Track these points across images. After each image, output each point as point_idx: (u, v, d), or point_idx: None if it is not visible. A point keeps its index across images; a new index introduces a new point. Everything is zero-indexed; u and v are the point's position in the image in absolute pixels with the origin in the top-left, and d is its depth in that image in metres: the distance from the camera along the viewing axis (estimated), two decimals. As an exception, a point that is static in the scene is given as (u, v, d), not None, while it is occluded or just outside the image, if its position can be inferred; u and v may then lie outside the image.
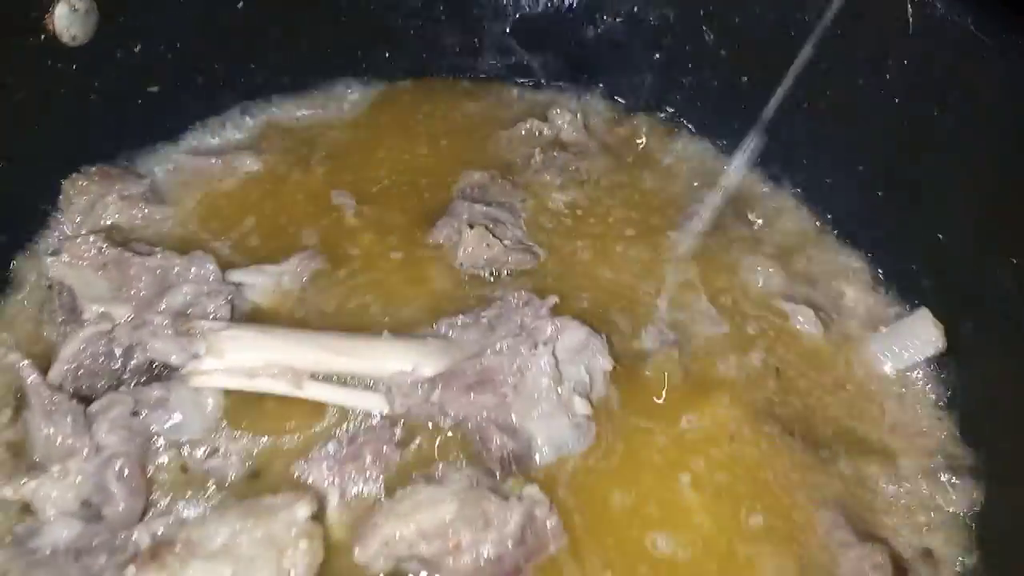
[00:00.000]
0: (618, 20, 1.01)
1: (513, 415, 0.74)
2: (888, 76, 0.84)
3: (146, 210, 0.87)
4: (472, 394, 0.75)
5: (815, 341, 0.87)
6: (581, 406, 0.75)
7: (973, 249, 0.81)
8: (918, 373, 0.85)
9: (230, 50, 0.95)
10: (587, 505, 0.73)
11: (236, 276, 0.82)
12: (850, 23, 0.86)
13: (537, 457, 0.74)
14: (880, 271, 0.92)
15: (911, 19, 0.80)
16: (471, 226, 0.88)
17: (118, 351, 0.74)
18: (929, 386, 0.84)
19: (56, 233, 0.84)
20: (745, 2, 0.93)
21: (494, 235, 0.88)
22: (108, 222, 0.85)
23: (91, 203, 0.85)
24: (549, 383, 0.74)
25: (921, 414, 0.83)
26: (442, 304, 0.84)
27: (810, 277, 0.92)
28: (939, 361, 0.84)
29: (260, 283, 0.83)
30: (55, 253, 0.80)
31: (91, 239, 0.80)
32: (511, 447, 0.73)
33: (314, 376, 0.76)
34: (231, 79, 0.97)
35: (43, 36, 0.77)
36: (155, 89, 0.91)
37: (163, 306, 0.77)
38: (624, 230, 0.94)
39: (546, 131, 1.02)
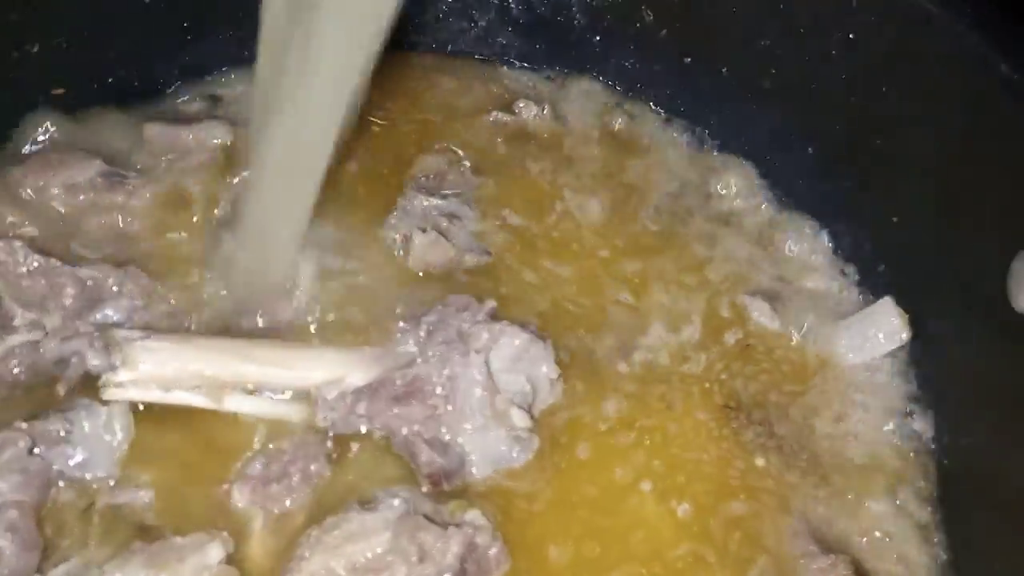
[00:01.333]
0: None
1: (444, 428, 0.70)
2: (834, 51, 0.80)
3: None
4: (400, 406, 0.70)
5: (775, 335, 0.82)
6: (520, 418, 0.70)
7: (930, 233, 0.78)
8: (884, 365, 0.81)
9: (159, 31, 0.88)
10: (531, 524, 0.69)
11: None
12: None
13: (473, 471, 0.69)
14: (842, 258, 0.88)
15: (854, -9, 0.76)
16: (423, 230, 0.82)
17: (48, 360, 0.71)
18: (896, 380, 0.81)
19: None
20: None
21: (446, 237, 0.82)
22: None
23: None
24: (482, 393, 0.70)
25: (887, 409, 0.79)
26: (391, 305, 0.79)
27: (771, 266, 0.88)
28: (906, 351, 0.81)
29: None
30: None
31: (15, 245, 0.75)
32: (440, 463, 0.68)
33: (237, 388, 0.71)
34: (169, 57, 0.90)
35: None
36: (59, 92, 0.85)
37: (93, 318, 0.74)
38: (586, 223, 0.89)
39: (510, 120, 0.96)
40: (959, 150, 0.72)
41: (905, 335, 0.80)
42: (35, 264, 0.75)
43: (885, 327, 0.80)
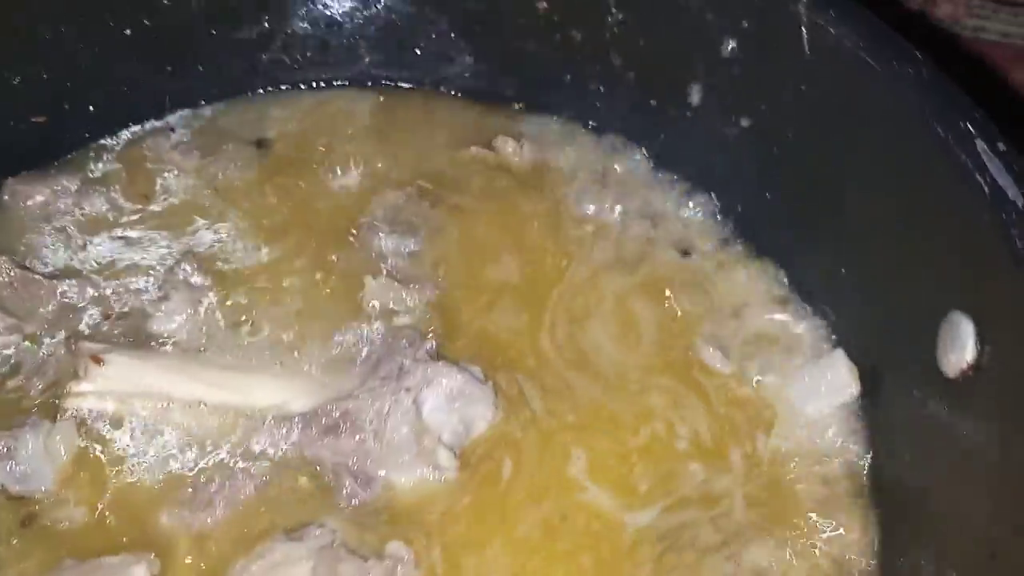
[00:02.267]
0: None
1: (370, 461, 0.71)
2: (787, 100, 0.80)
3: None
4: (330, 436, 0.72)
5: (724, 380, 0.82)
6: (445, 458, 0.72)
7: (875, 287, 0.77)
8: (832, 421, 0.79)
9: (121, 75, 0.92)
10: (453, 550, 0.70)
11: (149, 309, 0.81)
12: (749, 42, 0.82)
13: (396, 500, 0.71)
14: (797, 303, 0.87)
15: (806, 43, 0.76)
16: (373, 276, 0.84)
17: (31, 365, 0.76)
18: (841, 438, 0.79)
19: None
20: (652, 26, 0.88)
21: (397, 280, 0.85)
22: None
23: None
24: (409, 431, 0.71)
25: (833, 470, 0.77)
26: (343, 334, 0.81)
27: (727, 307, 0.88)
28: (856, 406, 0.79)
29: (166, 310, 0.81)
30: None
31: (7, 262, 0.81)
32: (361, 495, 0.70)
33: (186, 405, 0.75)
34: (126, 101, 0.94)
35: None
36: (41, 120, 0.89)
37: (65, 329, 0.79)
38: (545, 261, 0.89)
39: (491, 157, 0.97)
40: (899, 208, 0.72)
41: (855, 389, 0.79)
42: (15, 275, 0.80)
43: (836, 380, 0.79)
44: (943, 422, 0.68)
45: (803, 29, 0.76)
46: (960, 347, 0.64)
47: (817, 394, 0.79)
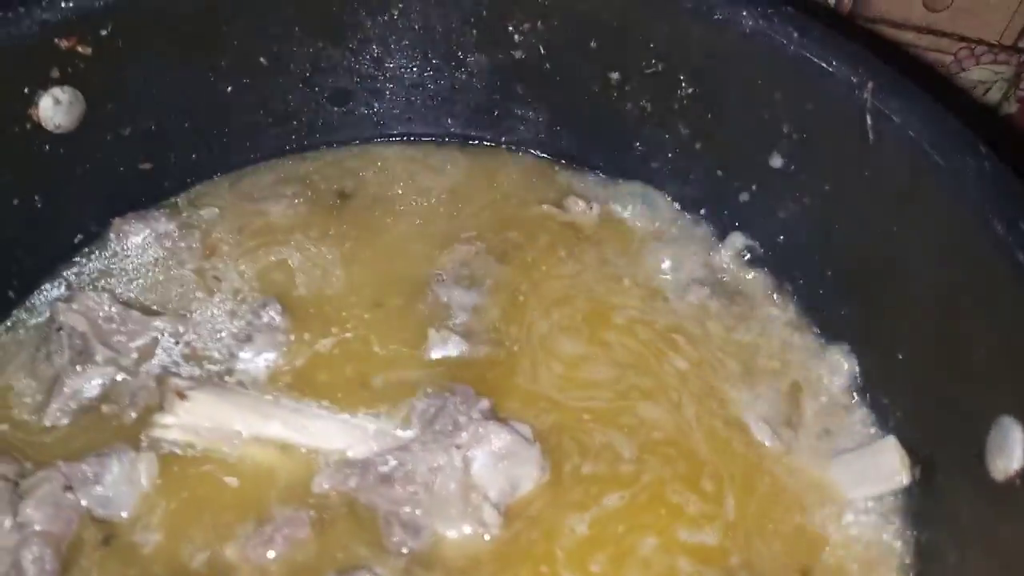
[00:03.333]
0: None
1: (420, 513, 0.75)
2: (849, 184, 0.81)
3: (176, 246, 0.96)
4: (384, 486, 0.76)
5: (772, 459, 0.83)
6: (490, 516, 0.75)
7: (928, 378, 0.77)
8: (877, 507, 0.79)
9: (221, 126, 1.00)
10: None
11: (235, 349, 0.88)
12: (814, 125, 0.83)
13: (441, 557, 0.75)
14: (853, 387, 0.87)
15: (870, 130, 0.77)
16: (436, 329, 0.89)
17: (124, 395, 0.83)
18: (884, 530, 0.79)
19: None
20: (721, 101, 0.90)
21: (459, 335, 0.89)
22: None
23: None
24: (456, 487, 0.75)
25: (876, 555, 0.77)
26: (413, 382, 0.85)
27: (781, 385, 0.88)
28: (906, 496, 0.79)
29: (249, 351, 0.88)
30: (67, 300, 0.87)
31: (103, 296, 0.88)
32: (410, 544, 0.74)
33: (258, 444, 0.81)
34: (224, 150, 1.02)
35: (28, 126, 0.84)
36: (147, 167, 0.97)
37: (156, 364, 0.86)
38: (613, 320, 0.92)
39: (561, 216, 1.01)
40: (953, 302, 0.72)
41: (904, 479, 0.78)
42: (116, 311, 0.88)
43: (885, 467, 0.79)
44: (988, 525, 0.67)
45: (867, 116, 0.77)
46: (1009, 453, 0.63)
47: (865, 479, 0.79)
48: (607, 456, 0.82)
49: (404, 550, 0.74)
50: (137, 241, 0.96)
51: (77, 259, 0.94)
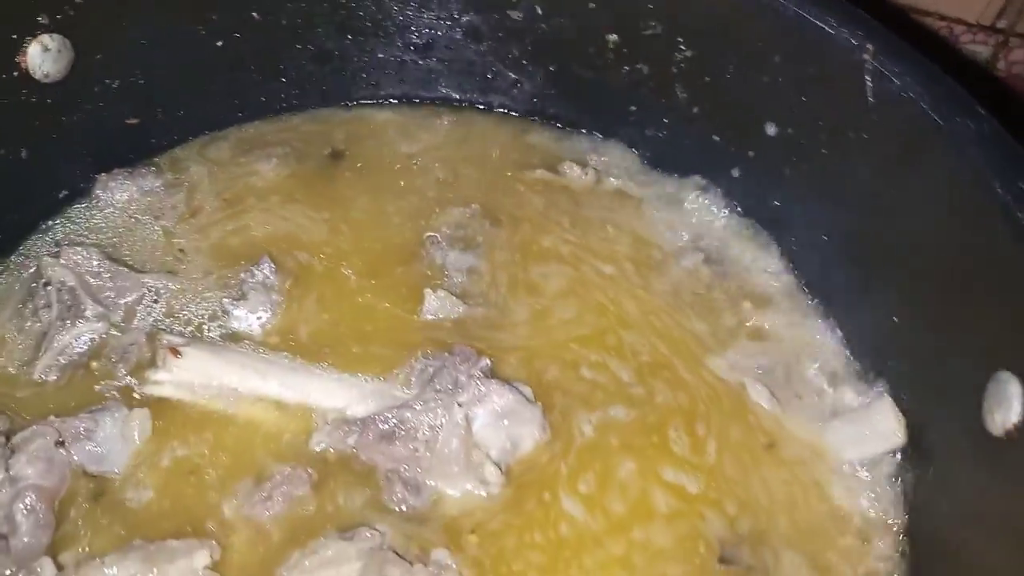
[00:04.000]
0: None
1: (420, 471, 0.75)
2: (848, 146, 0.82)
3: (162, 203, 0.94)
4: (384, 443, 0.76)
5: (769, 420, 0.83)
6: (491, 474, 0.75)
7: (926, 339, 0.78)
8: (876, 465, 0.80)
9: (211, 82, 0.98)
10: (494, 566, 0.73)
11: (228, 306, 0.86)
12: (814, 87, 0.83)
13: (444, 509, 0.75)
14: (848, 350, 0.88)
15: (870, 92, 0.77)
16: (433, 290, 0.88)
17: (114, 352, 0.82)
18: (885, 484, 0.80)
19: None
20: (719, 65, 0.90)
21: (456, 295, 0.88)
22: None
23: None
24: (459, 445, 0.75)
25: (874, 513, 0.79)
26: (410, 342, 0.84)
27: (775, 349, 0.89)
28: (900, 455, 0.80)
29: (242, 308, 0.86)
30: (54, 255, 0.85)
31: (90, 251, 0.86)
32: (411, 502, 0.73)
33: (253, 402, 0.80)
34: (213, 107, 1.00)
35: (15, 73, 0.81)
36: (134, 121, 0.95)
37: (147, 319, 0.85)
38: (601, 288, 0.92)
39: (556, 181, 1.00)
40: (952, 261, 0.73)
41: (900, 438, 0.79)
42: (105, 266, 0.86)
43: (882, 427, 0.80)
44: (984, 480, 0.69)
45: (867, 78, 0.77)
46: (1006, 407, 0.64)
47: (861, 440, 0.80)
48: (603, 418, 0.82)
49: (404, 507, 0.74)
50: (123, 197, 0.94)
51: (63, 214, 0.92)
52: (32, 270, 0.86)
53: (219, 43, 0.95)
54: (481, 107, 1.06)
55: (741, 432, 0.82)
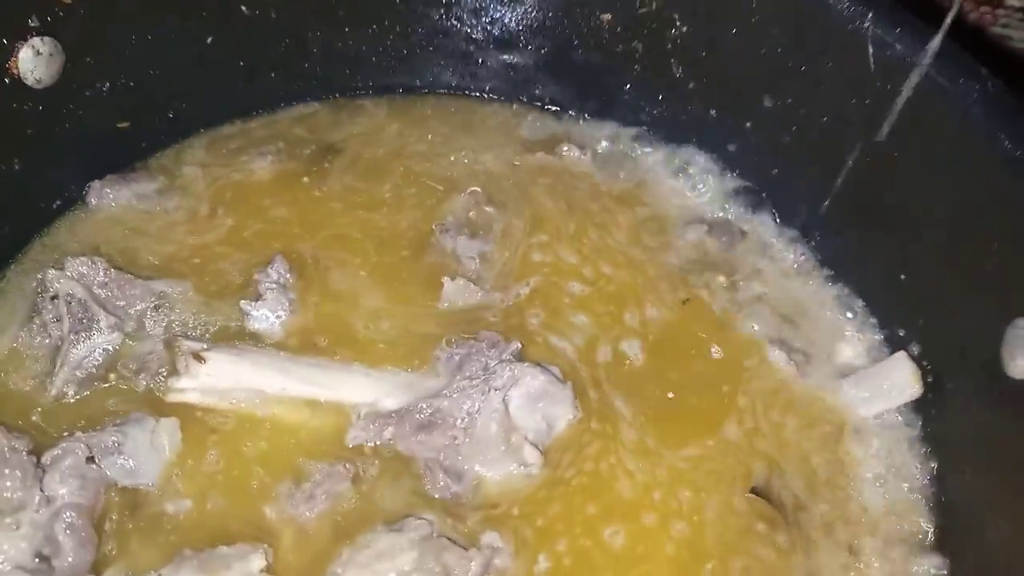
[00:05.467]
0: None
1: (461, 457, 0.75)
2: (850, 113, 0.84)
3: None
4: (422, 433, 0.76)
5: (788, 381, 0.85)
6: (531, 455, 0.75)
7: (935, 293, 0.81)
8: (894, 420, 0.83)
9: (200, 81, 0.95)
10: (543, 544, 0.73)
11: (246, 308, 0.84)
12: (815, 56, 0.85)
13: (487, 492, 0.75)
14: (860, 309, 0.90)
15: (872, 59, 0.80)
16: (451, 278, 0.87)
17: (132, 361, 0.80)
18: (904, 436, 0.82)
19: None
20: (717, 38, 0.92)
21: (473, 281, 0.88)
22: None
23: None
24: (498, 429, 0.75)
25: (894, 468, 0.81)
26: (429, 335, 0.84)
27: (791, 312, 0.91)
28: (917, 409, 0.83)
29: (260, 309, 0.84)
30: (58, 268, 0.82)
31: (96, 261, 0.83)
32: (454, 489, 0.74)
33: (282, 402, 0.79)
34: (205, 107, 0.98)
35: (6, 80, 0.78)
36: (126, 125, 0.92)
37: (161, 326, 0.83)
38: (613, 261, 0.93)
39: (556, 163, 1.01)
40: (961, 217, 0.76)
41: (917, 390, 0.81)
42: (112, 275, 0.83)
43: (898, 381, 0.82)
44: (1003, 426, 0.72)
45: (869, 45, 0.79)
46: (1028, 352, 0.67)
47: (878, 396, 0.83)
48: (633, 390, 0.83)
49: (448, 494, 0.74)
50: (118, 204, 0.91)
51: (58, 224, 0.89)
52: (34, 284, 0.83)
53: (208, 39, 0.93)
54: (474, 94, 1.05)
55: (765, 390, 0.85)
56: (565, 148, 1.00)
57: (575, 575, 0.72)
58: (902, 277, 0.84)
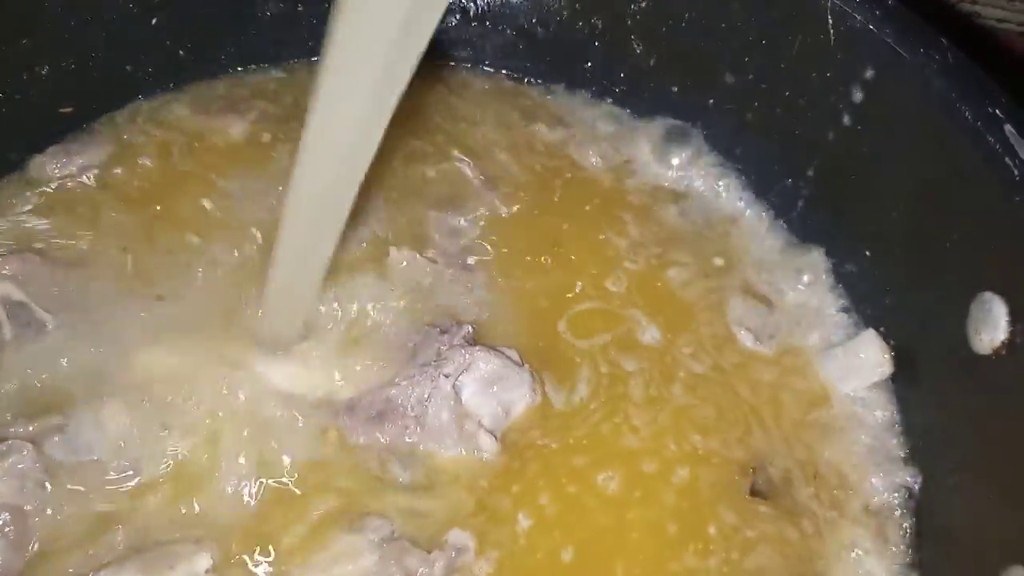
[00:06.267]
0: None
1: (414, 447, 0.73)
2: (813, 87, 0.82)
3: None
4: (375, 423, 0.73)
5: (761, 360, 0.84)
6: (487, 442, 0.73)
7: (901, 269, 0.79)
8: (865, 398, 0.82)
9: (147, 61, 0.93)
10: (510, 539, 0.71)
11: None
12: (775, 31, 0.83)
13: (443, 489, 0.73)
14: (830, 286, 0.88)
15: (832, 31, 0.78)
16: (397, 247, 0.84)
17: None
18: (877, 414, 0.81)
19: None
20: (676, 13, 0.90)
21: (426, 256, 0.85)
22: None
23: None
24: (450, 416, 0.73)
25: (870, 444, 0.80)
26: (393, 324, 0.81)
27: (761, 289, 0.89)
28: (888, 386, 0.82)
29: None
30: None
31: (33, 258, 0.79)
32: (409, 480, 0.72)
33: (220, 391, 0.75)
34: (153, 75, 0.95)
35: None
36: (69, 110, 0.89)
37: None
38: (581, 238, 0.90)
39: (543, 135, 0.98)
40: (924, 190, 0.74)
41: (887, 368, 0.81)
42: (55, 271, 0.79)
43: (868, 359, 0.81)
44: (973, 399, 0.71)
45: (829, 17, 0.78)
46: (993, 325, 0.66)
47: (851, 373, 0.81)
48: (598, 374, 0.81)
49: (403, 483, 0.72)
50: (64, 176, 0.86)
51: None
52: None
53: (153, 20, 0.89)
54: (440, 62, 1.02)
55: (737, 368, 0.83)
56: (537, 127, 0.98)
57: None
58: (867, 253, 0.83)
